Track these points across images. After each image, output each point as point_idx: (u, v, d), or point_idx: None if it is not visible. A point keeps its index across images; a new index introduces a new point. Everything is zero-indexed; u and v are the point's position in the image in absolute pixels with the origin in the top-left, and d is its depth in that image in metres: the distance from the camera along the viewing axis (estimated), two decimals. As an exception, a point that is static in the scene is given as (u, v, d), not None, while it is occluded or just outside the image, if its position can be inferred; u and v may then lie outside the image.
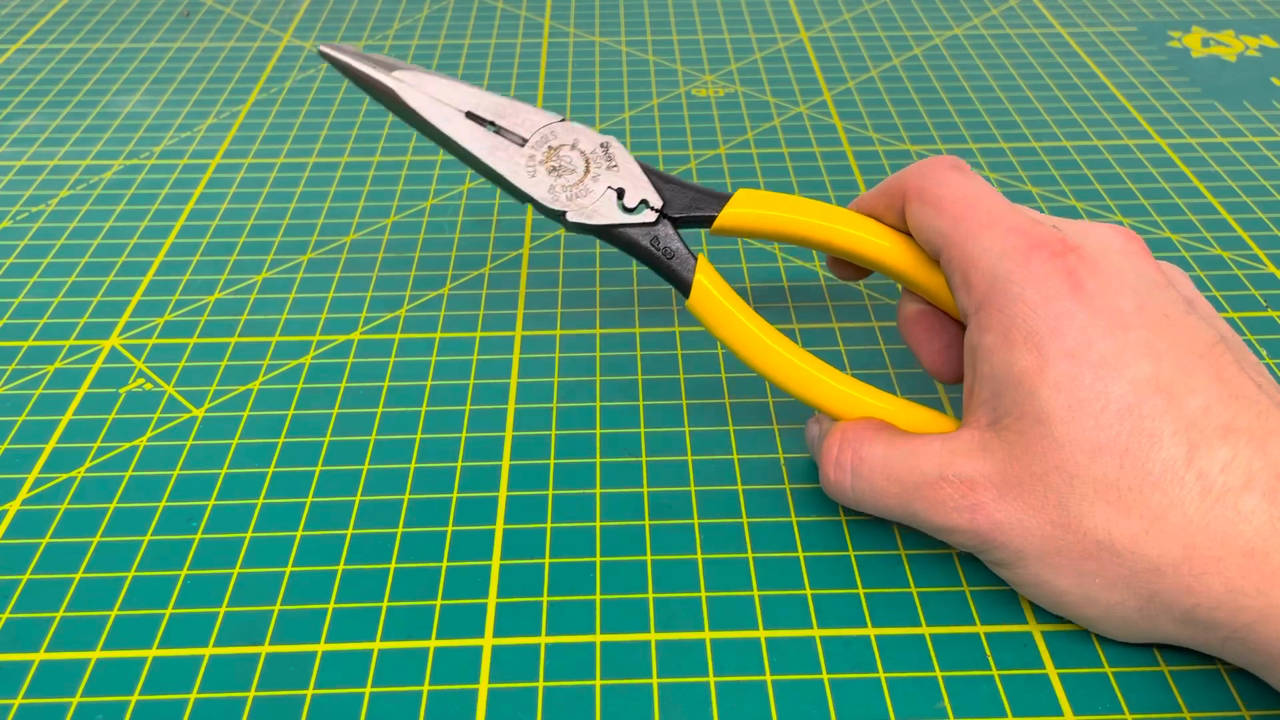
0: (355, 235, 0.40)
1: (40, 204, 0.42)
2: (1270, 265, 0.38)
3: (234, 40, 0.55)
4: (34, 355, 0.34)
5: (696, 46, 0.54)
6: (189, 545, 0.28)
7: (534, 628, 0.25)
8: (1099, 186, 0.42)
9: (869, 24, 0.56)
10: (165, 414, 0.32)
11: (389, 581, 0.27)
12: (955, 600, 0.26)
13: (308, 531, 0.28)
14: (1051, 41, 0.54)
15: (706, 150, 0.45)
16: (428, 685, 0.24)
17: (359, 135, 0.46)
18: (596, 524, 0.28)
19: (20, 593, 0.26)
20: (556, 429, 0.31)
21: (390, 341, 0.34)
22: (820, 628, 0.26)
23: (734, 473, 0.30)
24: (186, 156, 0.45)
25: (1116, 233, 0.25)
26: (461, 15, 0.58)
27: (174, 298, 0.36)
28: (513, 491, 0.29)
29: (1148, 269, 0.25)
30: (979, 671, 0.25)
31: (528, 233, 0.40)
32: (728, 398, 0.32)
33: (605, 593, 0.26)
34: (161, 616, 0.26)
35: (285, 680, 0.24)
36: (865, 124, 0.47)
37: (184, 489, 0.29)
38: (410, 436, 0.31)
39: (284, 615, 0.26)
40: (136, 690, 0.24)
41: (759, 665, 0.25)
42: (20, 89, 0.50)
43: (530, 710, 0.24)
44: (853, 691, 0.24)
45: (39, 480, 0.29)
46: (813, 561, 0.27)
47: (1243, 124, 0.46)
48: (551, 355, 0.34)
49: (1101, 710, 0.24)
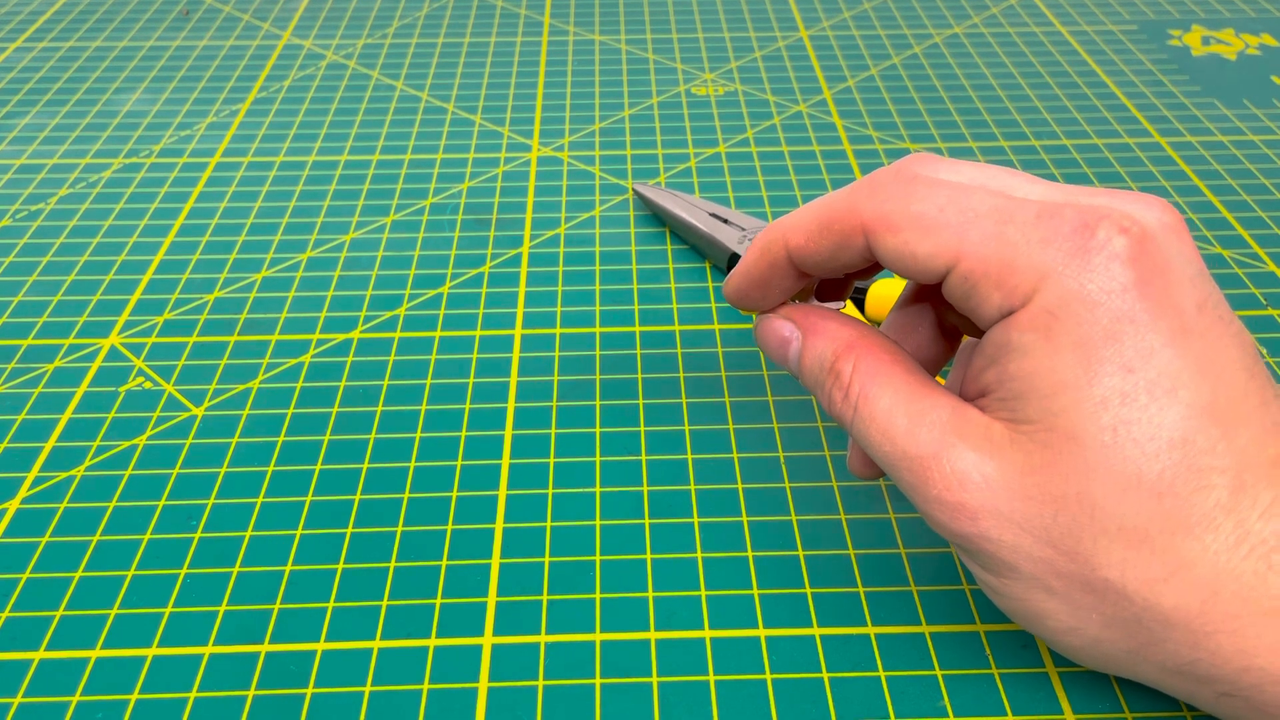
0: (355, 234, 0.40)
1: (40, 203, 0.42)
2: (1270, 264, 0.38)
3: (233, 39, 0.55)
4: (33, 354, 0.34)
5: (696, 45, 0.54)
6: (189, 544, 0.27)
7: (534, 626, 0.25)
8: (1099, 185, 0.42)
9: (869, 22, 0.56)
10: (165, 413, 0.32)
11: (389, 580, 0.27)
12: (955, 599, 0.26)
13: (307, 530, 0.28)
14: (1052, 40, 0.54)
15: (706, 149, 0.45)
16: (427, 684, 0.24)
17: (358, 134, 0.46)
18: (596, 522, 0.28)
19: (20, 591, 0.26)
20: (556, 427, 0.31)
21: (390, 340, 0.34)
22: (820, 626, 0.25)
23: (734, 471, 0.30)
24: (186, 155, 0.45)
25: (1153, 204, 0.21)
26: (461, 14, 0.58)
27: (173, 296, 0.36)
28: (512, 490, 0.29)
29: (1194, 254, 0.21)
30: (979, 671, 0.25)
31: (528, 232, 0.40)
32: (727, 396, 0.32)
33: (605, 591, 0.26)
34: (161, 615, 0.26)
35: (285, 679, 0.24)
36: (865, 123, 0.47)
37: (183, 488, 0.29)
38: (410, 435, 0.31)
39: (284, 614, 0.26)
40: (136, 689, 0.24)
41: (759, 664, 0.25)
42: (19, 87, 0.50)
43: (530, 709, 0.24)
44: (853, 690, 0.24)
45: (39, 479, 0.29)
46: (812, 560, 0.27)
47: (1243, 122, 0.46)
48: (551, 354, 0.34)
49: (1102, 710, 0.24)
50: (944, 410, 0.22)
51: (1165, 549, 0.19)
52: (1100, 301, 0.20)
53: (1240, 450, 0.20)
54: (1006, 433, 0.21)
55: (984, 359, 0.21)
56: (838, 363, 0.23)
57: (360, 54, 0.54)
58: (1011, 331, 0.20)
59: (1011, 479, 0.20)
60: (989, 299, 0.21)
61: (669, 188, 0.41)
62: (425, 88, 0.50)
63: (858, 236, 0.22)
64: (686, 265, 0.38)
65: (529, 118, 0.47)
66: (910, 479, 0.22)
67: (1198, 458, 0.19)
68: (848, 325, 0.24)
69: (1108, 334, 0.20)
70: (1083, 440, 0.20)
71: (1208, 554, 0.19)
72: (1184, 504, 0.19)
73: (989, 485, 0.21)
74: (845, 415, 0.23)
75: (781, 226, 0.23)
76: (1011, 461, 0.20)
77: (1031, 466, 0.20)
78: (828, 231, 0.22)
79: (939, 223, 0.21)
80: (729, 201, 0.41)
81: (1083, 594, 0.20)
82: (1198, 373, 0.20)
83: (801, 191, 0.42)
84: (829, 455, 0.30)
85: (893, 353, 0.23)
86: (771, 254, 0.24)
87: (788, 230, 0.23)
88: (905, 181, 0.22)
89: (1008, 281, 0.20)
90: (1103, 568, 0.20)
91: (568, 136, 0.46)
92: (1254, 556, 0.19)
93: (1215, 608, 0.19)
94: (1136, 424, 0.19)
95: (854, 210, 0.22)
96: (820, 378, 0.24)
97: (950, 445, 0.21)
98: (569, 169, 0.44)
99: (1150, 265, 0.20)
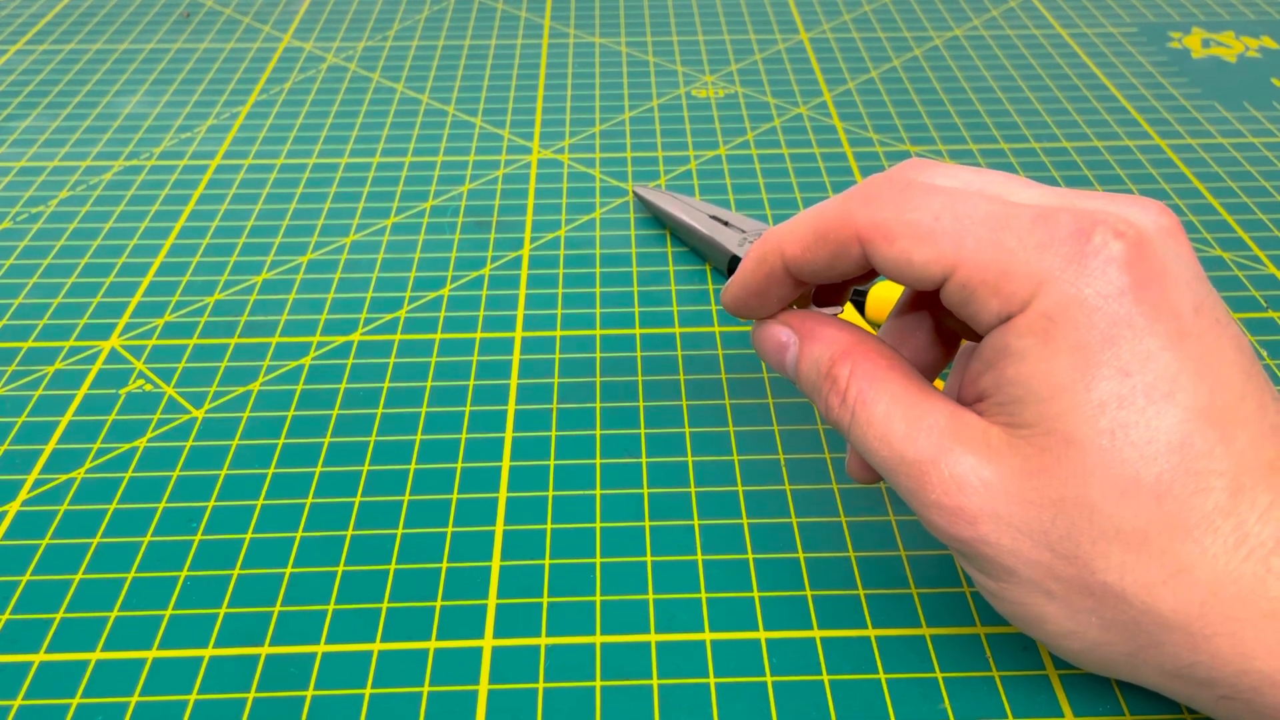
0: (355, 236, 0.40)
1: (40, 205, 0.42)
2: (1270, 266, 0.38)
3: (234, 41, 0.55)
4: (34, 356, 0.34)
5: (696, 47, 0.54)
6: (189, 546, 0.27)
7: (534, 629, 0.25)
8: (1099, 188, 0.42)
9: (869, 25, 0.56)
10: (165, 415, 0.32)
11: (389, 582, 0.27)
12: (955, 601, 0.26)
13: (308, 532, 0.28)
14: (1052, 42, 0.54)
15: (707, 151, 0.45)
16: (428, 686, 0.24)
17: (359, 136, 0.46)
18: (596, 525, 0.28)
19: (20, 593, 0.26)
20: (556, 430, 0.31)
21: (390, 342, 0.34)
22: (820, 629, 0.25)
23: (734, 474, 0.30)
24: (187, 157, 0.45)
25: (1149, 208, 0.21)
26: (461, 16, 0.58)
27: (174, 299, 0.36)
28: (513, 493, 0.29)
29: (1191, 257, 0.21)
30: (979, 672, 0.25)
31: (528, 233, 0.40)
32: (728, 398, 0.32)
33: (605, 594, 0.26)
34: (161, 617, 0.26)
35: (285, 681, 0.24)
36: (865, 125, 0.47)
37: (184, 490, 0.29)
38: (410, 437, 0.31)
39: (284, 616, 0.26)
40: (136, 691, 0.24)
41: (759, 666, 0.25)
42: (20, 90, 0.50)
43: (530, 712, 0.24)
44: (853, 692, 0.24)
45: (39, 481, 0.29)
46: (813, 562, 0.27)
47: (1243, 125, 0.46)
48: (551, 356, 0.34)
49: (1102, 712, 0.24)
50: (941, 415, 0.22)
51: (1164, 552, 0.19)
52: (1097, 306, 0.20)
53: (1238, 453, 0.20)
54: (1004, 437, 0.21)
55: (981, 364, 0.21)
56: (835, 368, 0.23)
57: (361, 56, 0.54)
58: (1009, 336, 0.20)
59: (1010, 483, 0.20)
60: (987, 305, 0.21)
61: (669, 190, 0.41)
62: (426, 90, 0.50)
63: (853, 246, 0.22)
64: (687, 268, 0.38)
65: (529, 120, 0.47)
66: (908, 484, 0.22)
67: (1196, 460, 0.19)
68: (845, 330, 0.24)
69: (1105, 338, 0.20)
70: (1081, 444, 0.20)
71: (1206, 557, 0.19)
72: (1183, 507, 0.19)
73: (987, 489, 0.21)
74: (843, 420, 0.23)
75: (777, 236, 0.23)
76: (1010, 465, 0.20)
77: (1029, 470, 0.20)
78: (823, 241, 0.22)
79: (935, 230, 0.21)
80: (729, 204, 0.41)
81: (1081, 597, 0.20)
82: (1195, 376, 0.20)
83: (802, 194, 0.42)
84: (829, 458, 0.30)
85: (889, 358, 0.23)
86: (768, 264, 0.24)
87: (783, 240, 0.23)
88: (900, 188, 0.22)
89: (1005, 288, 0.20)
90: (1101, 571, 0.20)
91: (568, 139, 0.46)
92: (1253, 559, 0.19)
93: (1214, 610, 0.19)
94: (1134, 427, 0.19)
95: (849, 219, 0.22)
96: (817, 383, 0.24)
97: (948, 450, 0.21)
98: (569, 171, 0.44)
99: (1147, 269, 0.20)
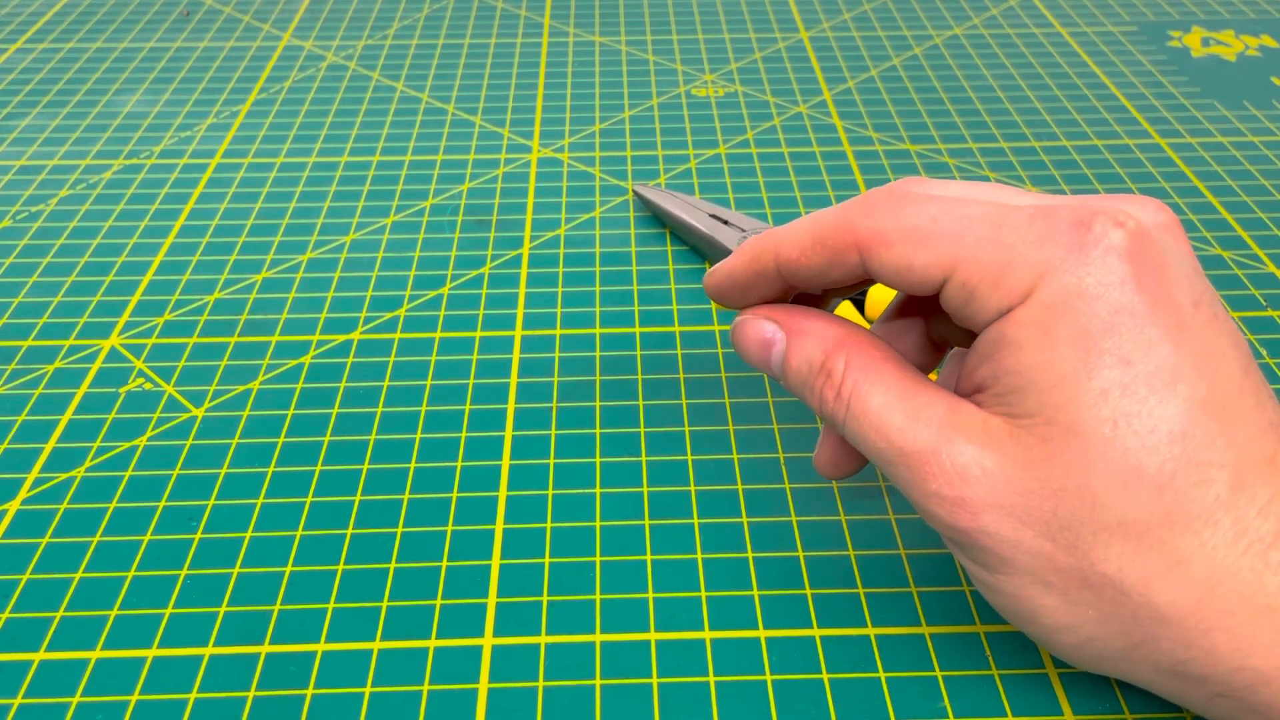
0: (355, 235, 0.40)
1: (40, 204, 0.42)
2: (1270, 265, 0.38)
3: (234, 40, 0.55)
4: (34, 355, 0.34)
5: (696, 46, 0.54)
6: (189, 545, 0.27)
7: (534, 627, 0.25)
8: (1099, 186, 0.42)
9: (869, 24, 0.56)
10: (165, 414, 0.32)
11: (389, 581, 0.27)
12: (955, 600, 0.26)
13: (307, 531, 0.28)
14: (1051, 41, 0.54)
15: (706, 150, 0.45)
16: (428, 685, 0.24)
17: (359, 134, 0.46)
18: (596, 524, 0.28)
19: (20, 592, 0.26)
20: (556, 429, 0.31)
21: (390, 341, 0.34)
22: (820, 628, 0.25)
23: (734, 472, 0.30)
24: (186, 156, 0.45)
25: (1147, 204, 0.21)
26: (461, 15, 0.58)
27: (174, 297, 0.36)
28: (512, 491, 0.29)
29: (1189, 253, 0.21)
30: (979, 671, 0.25)
31: (528, 233, 0.40)
32: (728, 397, 0.32)
33: (605, 592, 0.26)
34: (161, 616, 0.26)
35: (285, 680, 0.24)
36: (865, 124, 0.47)
37: (184, 489, 0.29)
38: (410, 436, 0.31)
39: (284, 615, 0.26)
40: (136, 690, 0.24)
41: (759, 665, 0.25)
42: (20, 89, 0.50)
43: (530, 710, 0.24)
44: (853, 691, 0.24)
45: (39, 480, 0.29)
46: (813, 561, 0.27)
47: (1243, 124, 0.46)
48: (551, 354, 0.34)
49: (1102, 711, 0.24)
50: (940, 406, 0.21)
51: (1164, 544, 0.19)
52: (1098, 295, 0.20)
53: (1238, 446, 0.20)
54: (1005, 426, 0.21)
55: (978, 356, 0.21)
56: (828, 361, 0.23)
57: (360, 55, 0.54)
58: (1008, 327, 0.20)
59: (1011, 472, 0.20)
60: (987, 302, 0.21)
61: (669, 189, 0.41)
62: (425, 89, 0.50)
63: (851, 253, 0.22)
64: (686, 266, 0.38)
65: (529, 119, 0.47)
66: (908, 475, 0.21)
67: (1197, 452, 0.19)
68: (834, 323, 0.24)
69: (1106, 326, 0.19)
70: (1083, 433, 0.20)
71: (1205, 550, 0.19)
72: (1184, 498, 0.19)
73: (989, 479, 0.20)
74: (837, 414, 0.23)
75: (773, 238, 0.23)
76: (1011, 455, 0.20)
77: (1031, 460, 0.20)
78: (821, 247, 0.22)
79: (934, 233, 0.21)
80: (729, 203, 0.41)
81: (1079, 589, 0.20)
82: (1195, 368, 0.20)
83: (801, 192, 0.42)
84: (829, 456, 0.30)
85: (883, 350, 0.23)
86: (760, 263, 0.24)
87: (780, 243, 0.23)
88: (898, 199, 0.22)
89: (1006, 282, 0.20)
90: (1101, 562, 0.20)
91: (568, 137, 0.46)
92: (1251, 553, 0.19)
93: (1211, 604, 0.19)
94: (1136, 416, 0.19)
95: (848, 226, 0.22)
96: (809, 378, 0.23)
97: (948, 440, 0.21)
98: (569, 170, 0.44)
99: (1147, 260, 0.20)
